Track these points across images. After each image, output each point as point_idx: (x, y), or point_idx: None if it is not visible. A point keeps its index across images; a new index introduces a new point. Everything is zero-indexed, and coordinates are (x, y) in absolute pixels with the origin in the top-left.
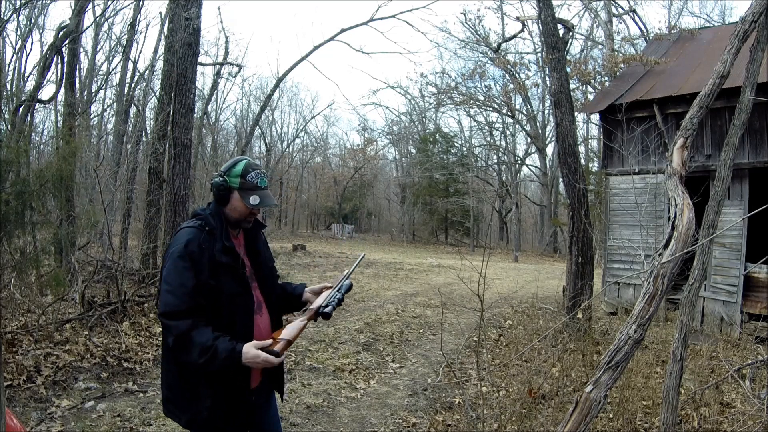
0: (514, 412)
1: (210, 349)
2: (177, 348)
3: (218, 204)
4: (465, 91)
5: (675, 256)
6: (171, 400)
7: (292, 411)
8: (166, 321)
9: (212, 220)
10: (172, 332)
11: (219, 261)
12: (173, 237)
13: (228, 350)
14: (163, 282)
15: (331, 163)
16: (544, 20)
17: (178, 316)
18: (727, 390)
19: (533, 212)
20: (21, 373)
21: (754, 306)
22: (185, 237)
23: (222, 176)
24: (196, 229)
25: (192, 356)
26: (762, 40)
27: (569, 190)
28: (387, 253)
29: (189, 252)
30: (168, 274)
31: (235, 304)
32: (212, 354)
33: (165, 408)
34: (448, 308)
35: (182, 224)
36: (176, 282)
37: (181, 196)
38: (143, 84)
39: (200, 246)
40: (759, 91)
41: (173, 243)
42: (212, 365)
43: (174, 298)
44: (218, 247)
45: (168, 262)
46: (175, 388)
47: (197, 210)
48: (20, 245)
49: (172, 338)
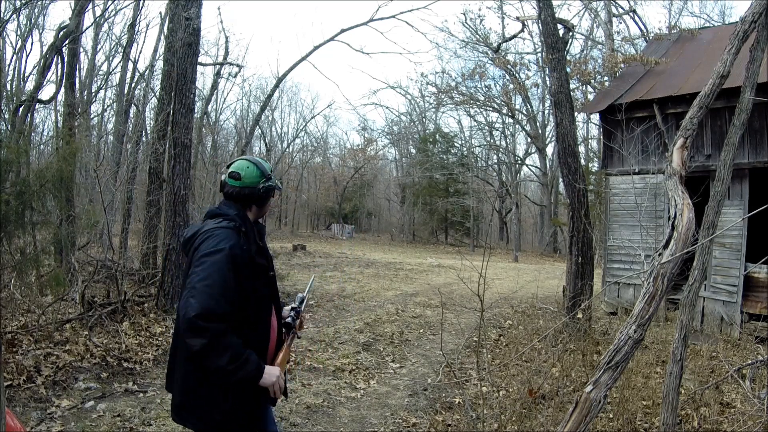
0: (514, 412)
1: (241, 357)
2: (208, 351)
3: (253, 205)
4: (465, 91)
5: (675, 256)
6: (186, 406)
7: (292, 411)
8: (202, 323)
9: (245, 221)
10: (207, 335)
11: (257, 263)
12: (205, 236)
13: (256, 363)
14: (200, 282)
15: (331, 163)
16: (544, 20)
17: (216, 318)
18: (727, 390)
19: (533, 212)
20: (21, 373)
21: (754, 306)
22: (228, 238)
23: (269, 178)
24: (233, 230)
25: (222, 361)
26: (762, 40)
27: (569, 190)
28: (387, 253)
29: (233, 254)
30: (210, 275)
31: (264, 305)
32: (242, 362)
33: (178, 415)
34: (448, 308)
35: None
36: (219, 284)
37: (181, 196)
38: (143, 84)
39: (241, 248)
40: (759, 91)
41: (212, 243)
42: (237, 374)
43: (214, 300)
44: (254, 248)
45: (207, 263)
46: (194, 393)
47: (216, 210)
48: (20, 245)
49: (204, 341)
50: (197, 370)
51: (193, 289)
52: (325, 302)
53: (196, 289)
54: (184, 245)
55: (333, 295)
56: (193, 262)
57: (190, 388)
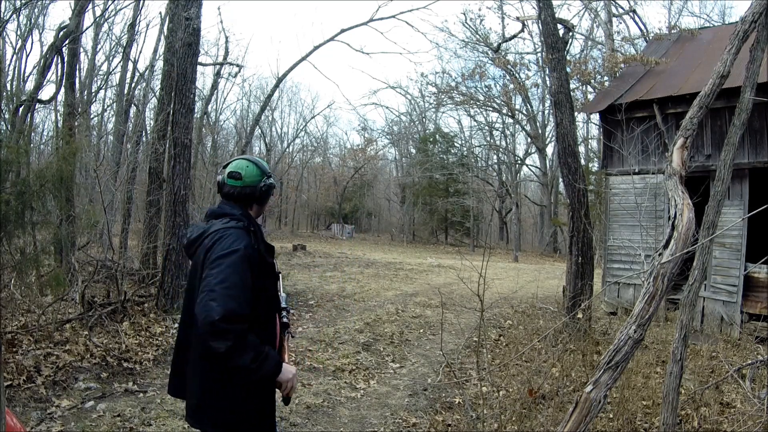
0: (514, 412)
1: (262, 354)
2: (232, 353)
3: (255, 204)
4: (465, 91)
5: (675, 256)
6: (203, 408)
7: (292, 411)
8: (225, 325)
9: (252, 221)
10: (231, 336)
11: (267, 262)
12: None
13: (276, 359)
14: (219, 284)
15: (331, 163)
16: (544, 20)
17: (239, 320)
18: (727, 390)
19: (533, 212)
20: (21, 373)
21: (754, 306)
22: (241, 238)
23: (269, 176)
24: (243, 230)
25: (245, 360)
26: (762, 40)
27: (569, 190)
28: (387, 253)
29: (248, 255)
30: (228, 277)
31: (272, 304)
32: (263, 360)
33: (194, 418)
34: (448, 308)
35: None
36: (238, 285)
37: (181, 196)
38: (143, 84)
39: (253, 247)
40: (759, 91)
41: (227, 244)
42: (259, 372)
43: (235, 301)
44: (263, 248)
45: (224, 264)
46: (214, 394)
47: (219, 210)
48: (20, 245)
49: (230, 343)
50: (214, 371)
51: (212, 292)
52: (325, 302)
53: (215, 292)
54: (188, 246)
55: (333, 295)
56: (207, 264)
57: (209, 389)
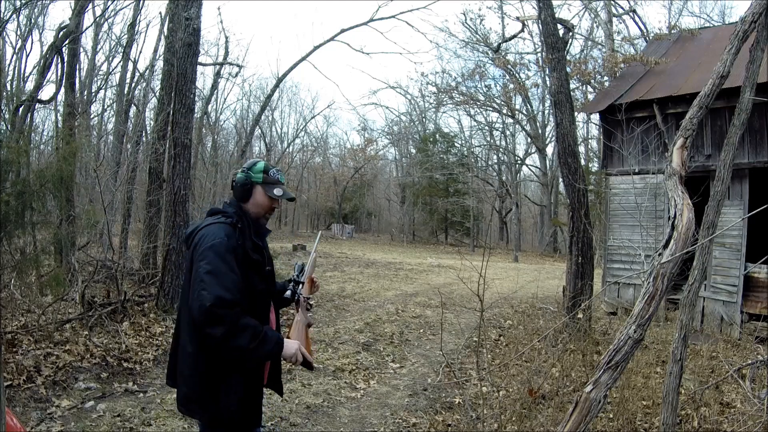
0: (514, 412)
1: (260, 334)
2: (228, 336)
3: (240, 201)
4: (465, 91)
5: (675, 256)
6: (193, 398)
7: (292, 411)
8: (218, 311)
9: (241, 218)
10: (225, 321)
11: (251, 258)
12: (203, 232)
13: (276, 337)
14: (207, 274)
15: (331, 163)
16: (544, 20)
17: (231, 305)
18: (727, 390)
19: (533, 212)
20: (21, 373)
21: (754, 306)
22: (223, 231)
23: (245, 172)
24: (228, 225)
25: (243, 341)
26: (762, 40)
27: (569, 190)
28: (387, 253)
29: (231, 246)
30: (215, 266)
31: (260, 300)
32: (261, 340)
33: (185, 407)
34: (448, 308)
35: (206, 220)
36: (226, 272)
37: (181, 196)
38: (143, 84)
39: (236, 242)
40: (759, 91)
41: (209, 237)
42: (259, 351)
43: (224, 288)
44: (249, 244)
45: (210, 255)
46: (202, 384)
47: (217, 208)
48: (20, 245)
49: (224, 328)
50: (204, 361)
51: (202, 282)
52: (325, 302)
53: (205, 282)
54: (185, 241)
55: (333, 295)
56: (195, 257)
57: (197, 379)
